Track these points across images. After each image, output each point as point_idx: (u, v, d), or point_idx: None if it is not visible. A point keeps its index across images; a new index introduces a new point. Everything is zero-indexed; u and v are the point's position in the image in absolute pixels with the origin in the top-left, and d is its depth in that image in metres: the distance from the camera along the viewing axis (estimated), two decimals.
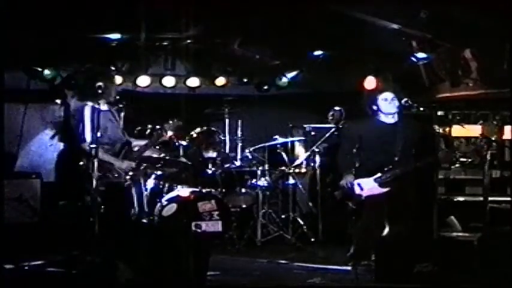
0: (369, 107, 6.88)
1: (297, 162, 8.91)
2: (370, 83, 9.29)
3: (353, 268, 6.58)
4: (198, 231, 7.51)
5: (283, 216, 8.79)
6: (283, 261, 7.47)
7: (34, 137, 9.30)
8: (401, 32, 8.42)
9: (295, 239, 8.36)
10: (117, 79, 9.25)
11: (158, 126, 7.35)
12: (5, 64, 7.10)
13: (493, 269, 5.95)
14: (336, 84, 9.77)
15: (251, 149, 8.82)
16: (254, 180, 8.56)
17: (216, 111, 9.26)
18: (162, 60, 9.78)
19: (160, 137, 7.25)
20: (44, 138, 9.34)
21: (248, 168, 8.73)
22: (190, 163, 8.19)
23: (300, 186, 8.90)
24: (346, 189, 6.73)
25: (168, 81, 9.66)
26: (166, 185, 8.11)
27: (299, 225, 8.59)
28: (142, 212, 7.61)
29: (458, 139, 8.53)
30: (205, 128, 8.68)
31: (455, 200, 8.36)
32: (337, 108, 9.13)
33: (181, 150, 8.24)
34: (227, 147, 8.89)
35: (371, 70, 9.31)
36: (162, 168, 7.99)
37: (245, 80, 9.96)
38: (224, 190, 8.38)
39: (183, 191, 7.99)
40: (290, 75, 9.87)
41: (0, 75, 7.00)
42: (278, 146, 8.87)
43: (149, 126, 7.75)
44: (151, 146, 7.34)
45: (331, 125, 9.02)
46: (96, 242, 6.12)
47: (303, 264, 7.31)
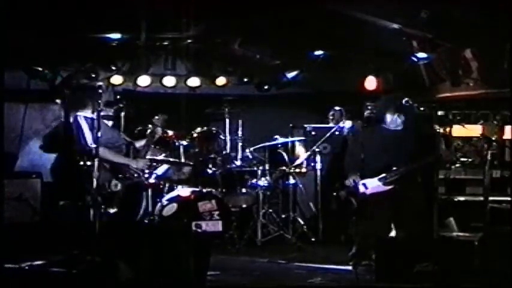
0: (380, 113, 7.01)
1: (297, 162, 8.90)
2: (370, 83, 9.28)
3: (354, 268, 6.58)
4: (199, 231, 7.52)
5: (284, 216, 8.79)
6: (284, 261, 7.48)
7: (34, 137, 9.30)
8: (401, 31, 8.42)
9: (296, 239, 8.36)
10: (117, 79, 9.35)
11: (150, 126, 7.42)
12: (5, 64, 7.09)
13: (493, 269, 5.94)
14: (336, 84, 9.77)
15: (251, 149, 8.81)
16: (254, 180, 8.55)
17: (216, 111, 9.26)
18: (163, 60, 9.80)
19: (155, 134, 7.25)
20: None
21: (248, 168, 8.72)
22: (191, 163, 8.19)
23: (300, 186, 8.88)
24: (351, 187, 6.79)
25: (169, 81, 9.67)
26: (167, 185, 8.11)
27: (299, 225, 8.59)
28: (147, 213, 7.64)
29: (458, 139, 8.51)
30: (206, 128, 8.67)
31: (456, 200, 8.36)
32: (337, 108, 9.16)
33: (182, 150, 8.23)
34: (227, 147, 8.88)
35: (371, 70, 9.31)
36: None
37: (245, 79, 9.96)
38: (224, 190, 8.38)
39: (184, 190, 8.00)
40: (290, 75, 9.87)
41: (0, 75, 6.99)
42: (278, 145, 8.88)
43: (150, 126, 7.73)
44: (151, 143, 7.35)
45: (331, 124, 9.03)
46: (97, 241, 6.12)
47: (303, 264, 7.32)
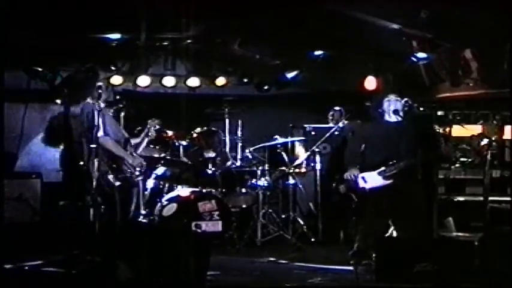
0: (374, 110, 7.00)
1: (297, 162, 8.91)
2: (370, 83, 9.28)
3: (354, 267, 6.59)
4: (198, 231, 7.51)
5: (283, 216, 8.79)
6: (284, 261, 7.48)
7: (34, 137, 9.30)
8: (401, 31, 8.41)
9: (296, 239, 8.37)
10: (117, 79, 9.35)
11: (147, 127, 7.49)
12: (5, 64, 7.09)
13: (493, 269, 5.94)
14: (336, 84, 9.77)
15: (251, 149, 8.84)
16: (254, 180, 8.56)
17: (216, 111, 9.28)
18: (162, 60, 9.80)
19: (147, 135, 7.39)
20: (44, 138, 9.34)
21: (248, 168, 8.74)
22: (190, 163, 8.18)
23: (300, 186, 8.88)
24: (351, 181, 6.81)
25: (168, 81, 9.68)
26: (167, 185, 8.11)
27: (299, 225, 8.59)
28: (139, 211, 7.62)
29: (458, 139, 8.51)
30: (206, 128, 8.68)
31: (456, 200, 8.35)
32: (337, 108, 9.16)
33: (182, 150, 8.23)
34: (227, 147, 8.88)
35: (371, 70, 9.31)
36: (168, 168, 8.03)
37: (245, 80, 9.96)
38: (224, 190, 8.39)
39: (183, 191, 8.00)
40: (290, 75, 9.86)
41: (0, 75, 6.99)
42: (278, 146, 8.87)
43: (157, 126, 7.74)
44: (143, 142, 7.37)
45: (331, 124, 9.03)
46: (96, 241, 6.12)
47: (303, 264, 7.32)
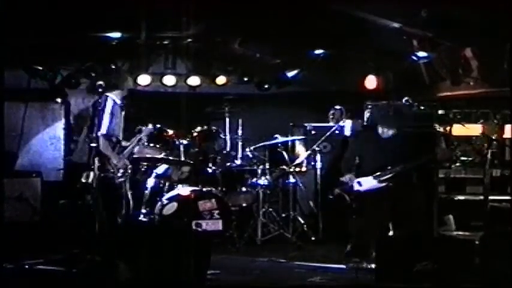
0: (370, 121, 7.09)
1: (298, 161, 8.89)
2: (370, 82, 9.28)
3: (353, 267, 6.60)
4: (199, 230, 7.54)
5: (284, 215, 8.76)
6: (284, 260, 7.47)
7: (34, 136, 9.30)
8: (402, 30, 8.41)
9: (296, 238, 8.35)
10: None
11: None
12: (5, 63, 7.10)
13: (493, 268, 5.93)
14: (336, 83, 9.78)
15: (251, 148, 8.80)
16: (254, 179, 8.54)
17: (216, 110, 9.26)
18: (163, 59, 9.80)
19: (140, 141, 7.35)
20: (44, 137, 9.34)
21: (248, 167, 8.71)
22: (190, 161, 8.19)
23: (300, 185, 8.88)
24: (346, 184, 6.83)
25: (169, 80, 9.68)
26: (167, 184, 8.11)
27: (299, 224, 8.59)
28: (132, 211, 7.61)
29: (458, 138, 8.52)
30: (206, 127, 8.67)
31: (456, 199, 8.35)
32: (337, 107, 9.14)
33: (182, 149, 8.23)
34: (228, 146, 8.87)
35: (371, 69, 9.31)
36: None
37: (246, 78, 9.97)
38: (224, 189, 8.37)
39: (184, 189, 7.99)
40: (290, 74, 9.86)
41: (0, 75, 7.00)
42: (278, 144, 8.84)
43: (149, 125, 7.73)
44: (133, 146, 7.37)
45: (331, 123, 9.02)
46: (97, 240, 6.13)
47: (303, 263, 7.31)
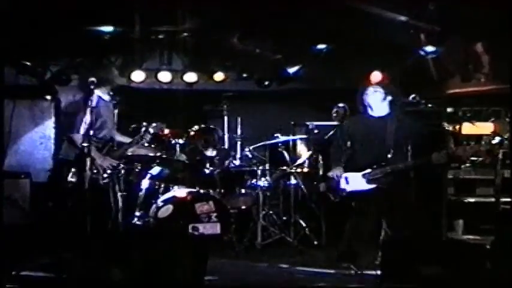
0: (359, 103, 7.00)
1: (299, 161, 8.90)
2: (376, 78, 9.26)
3: (353, 270, 6.63)
4: (196, 233, 7.54)
5: (285, 218, 8.77)
6: (285, 266, 7.48)
7: (23, 135, 9.30)
8: (409, 24, 8.41)
9: (297, 242, 8.36)
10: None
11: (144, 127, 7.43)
12: None
13: (505, 273, 5.93)
14: (340, 79, 9.77)
15: (251, 148, 8.81)
16: (254, 181, 8.55)
17: (214, 108, 9.28)
18: (158, 54, 9.81)
19: (142, 139, 7.37)
20: (33, 136, 9.34)
21: (248, 168, 8.71)
22: (187, 162, 8.18)
23: (302, 186, 8.88)
24: (332, 181, 6.81)
25: (164, 77, 9.70)
26: (162, 185, 8.11)
27: (301, 227, 8.59)
28: (123, 214, 7.61)
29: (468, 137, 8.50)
30: (203, 125, 8.67)
31: (466, 201, 8.34)
32: (341, 104, 9.09)
33: (178, 149, 8.23)
34: (226, 146, 8.87)
35: (377, 64, 9.28)
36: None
37: (245, 75, 9.98)
38: (223, 191, 8.37)
39: (180, 191, 7.98)
40: (292, 70, 9.87)
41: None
42: (279, 144, 8.85)
43: (144, 124, 7.73)
44: (132, 146, 7.38)
45: (335, 122, 9.01)
46: (88, 244, 6.12)
47: (305, 268, 7.31)
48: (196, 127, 8.55)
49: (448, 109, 8.47)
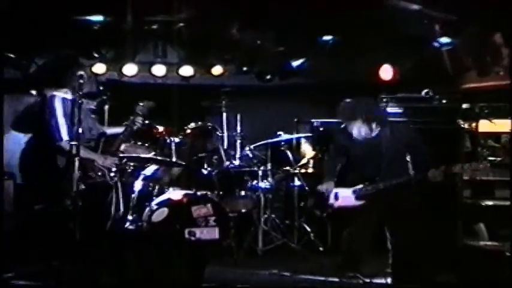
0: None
1: (303, 161, 8.90)
2: (386, 72, 9.27)
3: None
4: (192, 239, 7.54)
5: (288, 222, 8.80)
6: (288, 274, 7.47)
7: (6, 133, 9.26)
8: (422, 13, 8.40)
9: (302, 248, 8.38)
10: (100, 67, 9.33)
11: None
12: None
13: None
14: (347, 73, 9.76)
15: (252, 147, 8.83)
16: (255, 182, 8.57)
17: (212, 104, 9.26)
18: (152, 46, 9.81)
19: (133, 124, 7.35)
20: (17, 135, 9.31)
21: (248, 168, 8.73)
22: (183, 162, 8.18)
23: (306, 188, 8.88)
24: (321, 195, 6.83)
25: (158, 70, 9.71)
26: (157, 187, 8.11)
27: (306, 232, 8.59)
28: (127, 216, 7.64)
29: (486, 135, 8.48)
30: (201, 123, 8.66)
31: (484, 204, 8.32)
32: (348, 100, 9.12)
33: (174, 148, 8.23)
34: (225, 145, 8.87)
35: (387, 57, 9.29)
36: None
37: (245, 68, 9.97)
38: (221, 193, 8.36)
39: (175, 193, 7.98)
40: (296, 63, 9.86)
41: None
42: (282, 143, 8.89)
43: (140, 120, 7.73)
44: (127, 136, 7.35)
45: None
46: (78, 251, 6.11)
47: (309, 276, 7.32)
48: (192, 125, 8.54)
49: (464, 105, 8.44)
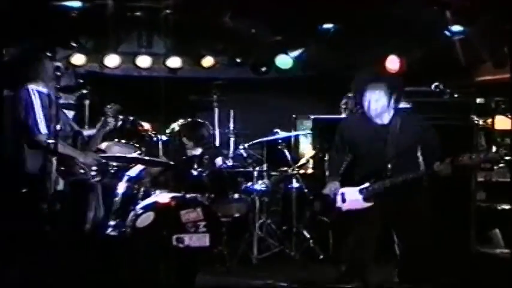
0: (356, 98, 6.93)
1: (302, 161, 8.88)
2: (392, 64, 9.27)
3: None
4: (181, 246, 7.50)
5: (285, 227, 8.79)
6: (285, 284, 7.42)
7: None
8: None
9: (300, 256, 8.38)
10: (79, 58, 9.30)
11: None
12: None
13: None
14: (350, 65, 9.73)
15: (246, 145, 8.84)
16: (250, 184, 8.57)
17: (203, 99, 9.26)
18: (136, 35, 9.82)
19: (106, 124, 7.36)
20: None
21: (242, 169, 8.73)
22: (171, 162, 8.16)
23: (306, 191, 8.86)
24: (328, 199, 6.79)
25: (143, 62, 9.78)
26: (142, 190, 8.08)
27: (304, 238, 8.58)
28: (109, 221, 7.64)
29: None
30: (190, 119, 8.64)
31: (499, 208, 8.32)
32: (351, 94, 9.11)
33: (161, 147, 8.20)
34: (217, 143, 8.84)
35: (394, 48, 9.28)
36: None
37: (238, 60, 10.01)
38: (213, 196, 8.30)
39: (162, 196, 7.95)
40: (293, 55, 9.86)
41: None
42: (279, 141, 8.87)
43: (120, 117, 7.71)
44: (99, 136, 7.41)
45: (343, 115, 9.00)
46: (55, 259, 6.08)
47: (309, 286, 7.32)
48: (181, 121, 8.52)
49: (478, 100, 8.44)
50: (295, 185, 8.80)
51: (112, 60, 9.52)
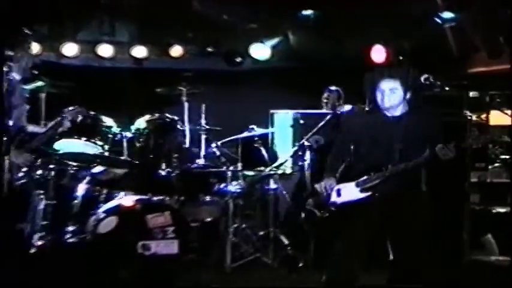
0: (366, 96, 6.92)
1: (280, 160, 8.87)
2: (378, 54, 9.29)
3: None
4: (147, 253, 7.51)
5: (262, 233, 8.77)
6: None
7: None
8: None
9: (278, 264, 8.37)
10: (34, 47, 9.21)
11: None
12: None
13: None
14: (332, 55, 9.76)
15: (219, 143, 8.83)
16: (223, 185, 8.56)
17: (171, 92, 9.22)
18: (97, 22, 9.73)
19: (60, 126, 7.30)
20: None
21: (215, 169, 8.71)
22: (136, 162, 8.12)
23: (284, 192, 8.88)
24: (322, 195, 6.79)
25: (105, 51, 9.79)
26: (104, 192, 8.05)
27: (283, 244, 8.58)
28: (67, 226, 7.58)
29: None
30: (157, 114, 8.62)
31: (494, 211, 8.36)
32: (333, 88, 9.15)
33: (125, 145, 8.15)
34: (187, 140, 8.81)
35: (380, 36, 9.29)
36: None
37: (210, 49, 9.99)
38: (182, 198, 8.36)
39: (127, 199, 7.96)
40: (270, 43, 9.84)
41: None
42: (255, 138, 8.87)
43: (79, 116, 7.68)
44: (48, 138, 7.39)
45: (325, 110, 9.02)
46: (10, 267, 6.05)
47: None
48: (147, 117, 8.51)
49: (471, 93, 8.47)
50: (273, 186, 8.77)
51: (70, 49, 9.53)
